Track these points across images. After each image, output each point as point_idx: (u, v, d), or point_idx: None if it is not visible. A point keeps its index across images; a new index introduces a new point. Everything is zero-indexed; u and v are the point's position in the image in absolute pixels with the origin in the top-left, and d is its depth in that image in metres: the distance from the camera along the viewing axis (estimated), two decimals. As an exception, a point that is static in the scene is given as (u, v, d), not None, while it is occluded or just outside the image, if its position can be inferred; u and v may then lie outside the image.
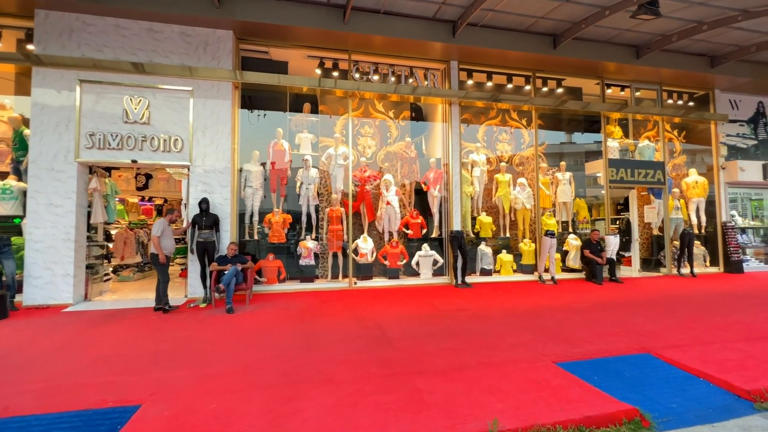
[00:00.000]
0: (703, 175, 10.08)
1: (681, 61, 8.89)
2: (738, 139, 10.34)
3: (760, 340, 4.39)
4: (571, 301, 6.47)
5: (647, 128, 10.11)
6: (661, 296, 6.87)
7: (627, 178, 9.19)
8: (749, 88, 10.14)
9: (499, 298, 6.65)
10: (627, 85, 9.55)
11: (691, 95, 10.27)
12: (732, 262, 9.61)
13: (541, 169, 9.08)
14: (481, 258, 8.38)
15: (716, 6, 6.52)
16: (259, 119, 8.23)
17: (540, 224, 8.75)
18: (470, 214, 8.58)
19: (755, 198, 11.05)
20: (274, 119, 8.24)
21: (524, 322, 5.12)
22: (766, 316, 5.45)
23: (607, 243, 8.52)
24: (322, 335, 4.61)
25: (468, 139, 8.94)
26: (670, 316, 5.42)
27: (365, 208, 8.11)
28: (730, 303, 6.34)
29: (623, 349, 4.10)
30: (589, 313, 5.56)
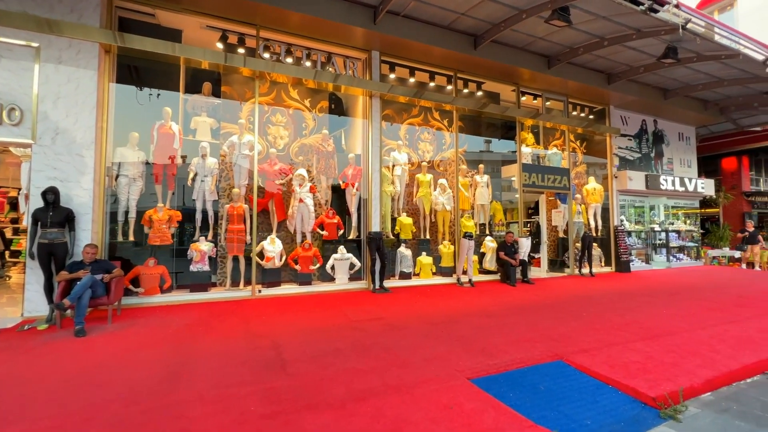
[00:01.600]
0: (600, 183, 11.03)
1: (584, 75, 9.55)
2: (627, 151, 11.55)
3: (654, 339, 4.54)
4: (487, 304, 6.34)
5: (555, 137, 10.76)
6: (567, 296, 7.11)
7: (538, 183, 9.60)
8: (636, 107, 11.38)
9: (417, 304, 6.26)
10: (539, 94, 10.02)
11: (591, 109, 11.19)
12: (622, 262, 10.63)
13: (461, 171, 9.04)
14: (401, 261, 7.99)
15: (616, 22, 6.98)
16: (149, 98, 6.85)
17: (459, 226, 8.67)
18: (390, 215, 8.15)
19: (638, 205, 12.49)
20: (164, 98, 6.92)
21: (440, 330, 4.73)
22: (654, 313, 5.83)
23: (520, 245, 8.74)
24: (198, 361, 3.67)
25: (390, 137, 8.53)
26: (577, 318, 5.49)
27: (274, 205, 7.19)
28: (625, 301, 6.76)
29: (537, 357, 3.88)
30: (504, 318, 5.41)
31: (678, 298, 7.19)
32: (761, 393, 3.40)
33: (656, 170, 12.17)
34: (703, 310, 6.22)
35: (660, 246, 12.46)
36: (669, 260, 12.24)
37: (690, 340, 4.57)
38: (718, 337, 4.70)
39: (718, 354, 4.11)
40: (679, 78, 10.02)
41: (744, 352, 4.20)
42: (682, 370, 3.62)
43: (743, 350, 4.26)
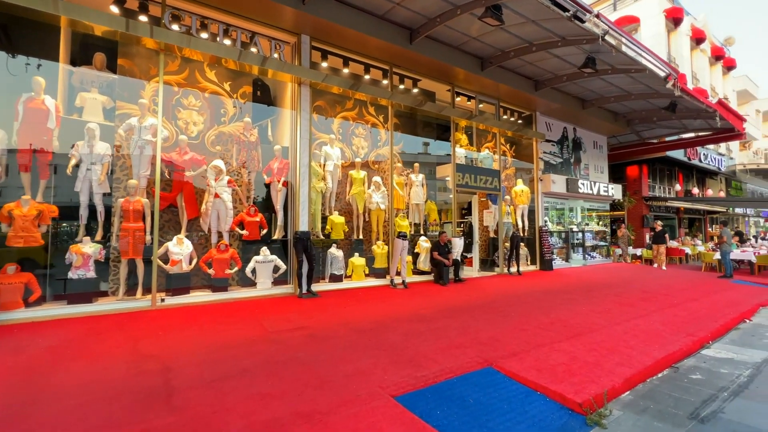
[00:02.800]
0: (527, 185, 11.54)
1: (514, 80, 9.87)
2: (550, 156, 12.26)
3: (577, 337, 4.60)
4: (420, 306, 6.09)
5: (487, 139, 11.02)
6: (496, 296, 7.16)
7: (471, 183, 9.70)
8: (558, 114, 12.12)
9: (346, 309, 5.80)
10: (473, 96, 10.15)
11: (520, 114, 11.68)
12: (545, 261, 11.21)
13: (396, 169, 8.78)
14: (331, 262, 7.48)
15: (544, 27, 7.21)
16: (25, 68, 5.55)
17: (393, 226, 8.39)
18: (321, 213, 7.60)
19: (559, 207, 13.37)
20: (46, 70, 5.66)
21: (368, 339, 4.33)
22: (575, 311, 6.04)
23: (453, 245, 8.72)
24: (53, 398, 2.83)
25: (322, 130, 7.97)
26: (506, 318, 5.45)
27: (184, 201, 6.25)
28: (549, 299, 6.97)
29: (467, 365, 3.64)
30: (435, 321, 5.17)
31: (594, 294, 7.62)
32: (671, 388, 3.49)
33: (575, 175, 13.12)
34: (615, 305, 6.62)
35: (577, 245, 13.47)
36: (585, 258, 13.27)
37: (608, 336, 4.70)
38: (630, 333, 4.91)
39: (633, 350, 4.24)
40: (595, 90, 10.82)
41: (653, 346, 4.39)
42: (604, 369, 3.62)
43: (652, 344, 4.46)
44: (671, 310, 6.31)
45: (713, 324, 5.50)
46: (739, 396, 3.32)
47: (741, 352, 4.60)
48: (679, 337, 4.80)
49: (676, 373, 3.88)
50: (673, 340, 4.66)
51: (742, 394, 3.36)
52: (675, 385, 3.58)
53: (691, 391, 3.43)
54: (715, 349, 4.68)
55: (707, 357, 4.40)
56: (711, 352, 4.59)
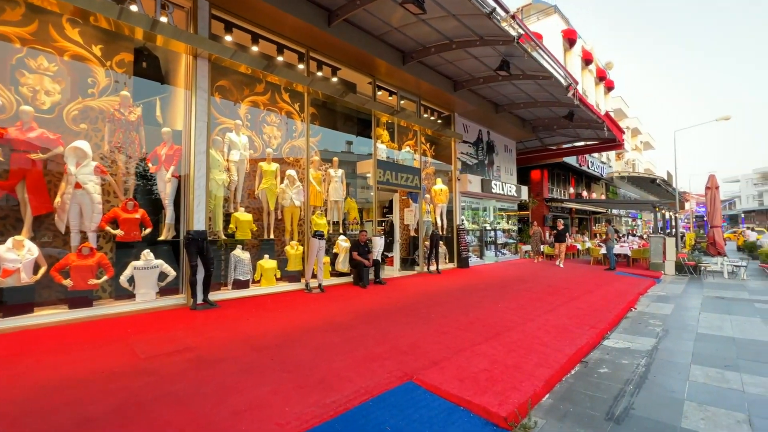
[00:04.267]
0: (446, 184, 11.71)
1: (435, 78, 9.87)
2: (467, 157, 12.66)
3: (496, 337, 4.48)
4: (336, 312, 5.53)
5: (408, 137, 10.90)
6: (417, 296, 6.94)
7: (392, 181, 9.44)
8: (475, 117, 12.58)
9: (250, 321, 4.98)
10: (394, 91, 9.91)
11: (440, 114, 11.82)
12: (462, 259, 11.50)
13: (313, 163, 8.09)
14: (236, 266, 6.52)
15: (464, 24, 7.20)
16: None
17: (310, 224, 7.70)
18: (223, 210, 6.58)
19: (474, 207, 13.93)
20: None
21: (270, 359, 3.63)
22: (493, 308, 6.06)
23: (373, 244, 8.33)
24: None
25: (227, 114, 6.94)
26: (426, 321, 5.19)
27: (27, 191, 4.79)
28: (467, 297, 6.95)
29: (386, 381, 3.19)
30: (352, 329, 4.66)
31: (508, 290, 7.87)
32: (585, 386, 3.47)
33: (489, 176, 13.79)
34: (527, 300, 6.85)
35: (490, 243, 14.19)
36: (497, 255, 14.03)
37: (524, 334, 4.68)
38: (543, 329, 4.99)
39: (548, 347, 4.24)
40: (507, 95, 11.41)
41: (565, 342, 4.47)
42: (524, 372, 3.47)
43: (563, 340, 4.55)
44: (574, 303, 6.71)
45: (609, 315, 5.93)
46: (642, 389, 3.40)
47: (634, 340, 4.95)
48: (584, 330, 5.00)
49: (586, 368, 3.93)
50: (580, 334, 4.82)
51: (645, 386, 3.46)
52: (587, 381, 3.58)
53: (602, 387, 3.45)
54: (614, 340, 4.96)
55: (609, 348, 4.61)
56: (611, 342, 4.84)
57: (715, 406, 3.04)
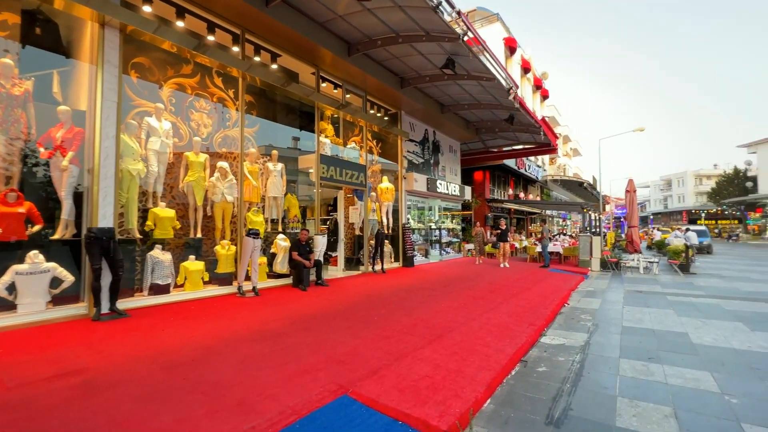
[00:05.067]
0: (392, 182, 11.56)
1: (382, 74, 9.64)
2: (414, 155, 12.64)
3: (439, 339, 4.33)
4: (269, 319, 5.05)
5: (354, 133, 10.57)
6: (359, 298, 6.64)
7: (336, 177, 9.05)
8: (421, 116, 12.58)
9: (163, 333, 4.34)
10: (340, 84, 9.52)
11: (387, 111, 11.64)
12: (407, 258, 11.43)
13: (249, 156, 7.45)
14: (153, 269, 5.73)
15: (411, 17, 7.04)
16: None
17: (245, 221, 7.07)
18: (137, 204, 5.75)
19: (420, 206, 13.99)
20: None
21: (182, 378, 3.10)
22: (436, 308, 5.95)
23: (315, 244, 7.89)
24: None
25: (146, 96, 6.10)
26: (368, 324, 4.90)
27: None
28: (411, 297, 6.80)
29: (317, 397, 2.84)
30: (286, 337, 4.23)
31: (451, 289, 7.87)
32: (525, 387, 3.41)
33: (434, 175, 13.91)
34: (470, 299, 6.86)
35: (435, 242, 14.35)
36: (441, 254, 14.22)
37: (467, 335, 4.59)
38: (485, 328, 4.95)
39: (490, 348, 4.16)
40: (452, 95, 11.54)
41: (505, 341, 4.44)
42: (466, 377, 3.32)
43: (504, 339, 4.52)
44: (513, 300, 6.85)
45: (546, 311, 6.09)
46: (578, 387, 3.41)
47: (568, 336, 5.08)
48: (524, 328, 5.04)
49: (526, 368, 3.90)
50: (520, 332, 4.84)
51: (580, 383, 3.48)
52: (527, 382, 3.52)
53: (542, 387, 3.40)
54: (550, 336, 5.06)
55: (546, 345, 4.67)
56: (547, 339, 4.92)
57: (645, 401, 3.10)
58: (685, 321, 5.78)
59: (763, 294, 8.00)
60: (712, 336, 4.96)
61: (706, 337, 4.92)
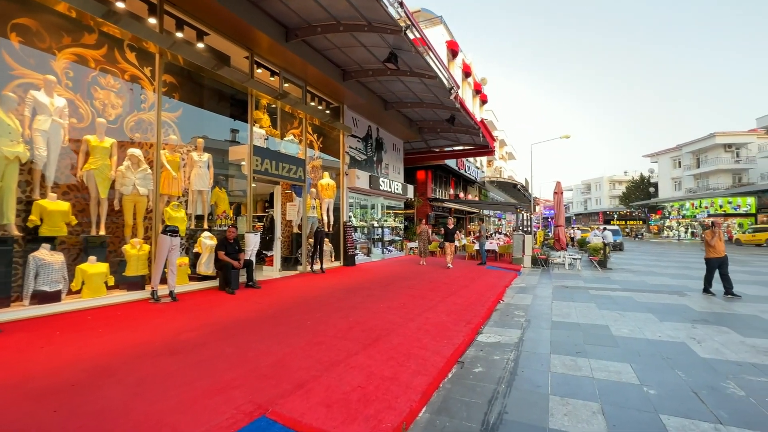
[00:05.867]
0: (333, 179, 11.16)
1: (323, 64, 9.20)
2: (356, 152, 12.34)
3: (375, 344, 4.08)
4: (185, 328, 4.44)
5: (293, 125, 10.00)
6: (294, 300, 6.19)
7: (272, 171, 8.44)
8: (364, 112, 12.32)
9: (40, 353, 3.57)
10: (277, 72, 8.90)
11: (328, 104, 11.20)
12: (349, 257, 11.12)
13: (169, 144, 6.61)
14: (38, 273, 4.77)
15: (352, 4, 6.70)
16: None
17: (162, 217, 6.25)
18: (16, 194, 4.76)
19: (363, 204, 13.75)
20: None
21: (50, 413, 2.49)
22: (374, 309, 5.71)
23: (246, 242, 7.26)
24: None
25: (32, 66, 5.08)
26: (299, 329, 4.52)
27: None
28: (349, 298, 6.50)
29: (230, 422, 2.43)
30: (201, 350, 3.70)
31: (391, 288, 7.71)
32: (461, 391, 3.28)
33: (377, 173, 13.74)
34: (409, 298, 6.74)
35: (377, 240, 14.20)
36: (383, 252, 14.11)
37: (404, 337, 4.40)
38: (423, 328, 4.81)
39: (427, 350, 4.01)
40: (396, 92, 11.43)
41: (443, 342, 4.32)
42: (402, 385, 3.10)
43: (442, 339, 4.41)
44: (452, 298, 6.86)
45: (482, 309, 6.16)
46: (513, 387, 3.36)
47: (503, 333, 5.14)
48: (461, 327, 4.99)
49: (462, 369, 3.80)
50: (457, 331, 4.78)
51: (515, 383, 3.44)
52: (463, 385, 3.40)
53: (477, 390, 3.30)
54: (486, 334, 5.07)
55: (482, 344, 4.65)
56: (483, 337, 4.92)
57: (574, 398, 3.12)
58: (605, 314, 6.17)
59: (667, 287, 8.94)
60: (629, 327, 5.32)
61: (624, 329, 5.25)
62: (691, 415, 2.82)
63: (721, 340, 4.74)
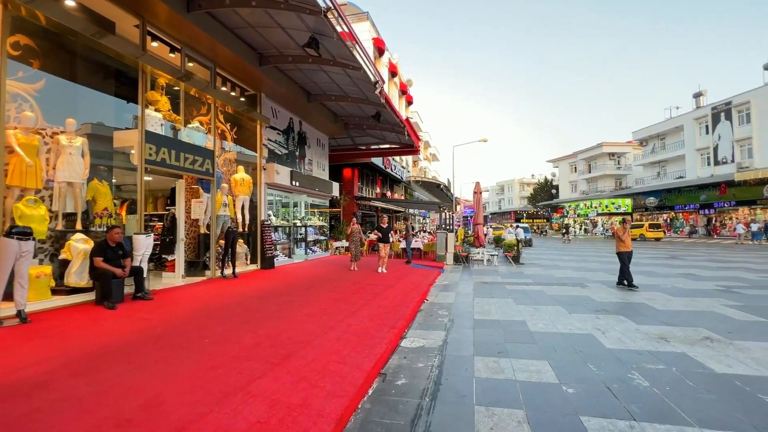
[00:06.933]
0: (249, 174, 10.14)
1: (236, 45, 8.22)
2: (276, 145, 11.42)
3: (285, 362, 3.52)
4: (25, 363, 3.38)
5: (201, 111, 8.81)
6: (193, 314, 5.29)
7: (171, 162, 7.26)
8: (285, 102, 11.46)
9: None
10: (178, 48, 7.71)
11: (244, 91, 10.14)
12: (267, 258, 10.21)
13: (24, 121, 5.21)
14: None
15: (265, -24, 5.98)
16: None
17: (11, 215, 4.87)
18: None
19: (285, 201, 12.84)
20: None
21: None
22: (292, 318, 5.12)
23: (135, 245, 6.09)
24: None
25: None
26: (193, 351, 3.75)
27: None
28: (263, 307, 5.79)
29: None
30: (38, 395, 2.78)
31: (313, 292, 7.14)
32: (382, 411, 2.90)
33: (300, 169, 12.94)
34: (331, 302, 6.25)
35: (300, 240, 13.40)
36: (307, 253, 13.36)
37: (321, 349, 3.91)
38: (344, 338, 4.37)
39: (346, 364, 3.57)
40: (319, 83, 10.80)
41: (364, 353, 3.93)
42: (312, 413, 2.62)
43: (363, 350, 4.01)
44: (376, 300, 6.53)
45: (407, 310, 5.92)
46: (438, 400, 3.09)
47: (427, 335, 4.93)
48: (385, 332, 4.66)
49: (384, 383, 3.44)
50: (380, 338, 4.43)
51: (440, 395, 3.18)
52: (385, 403, 3.04)
53: (400, 408, 2.95)
54: (410, 338, 4.81)
55: (406, 350, 4.36)
56: (408, 342, 4.65)
57: (500, 406, 2.94)
58: (522, 309, 6.37)
59: (571, 279, 9.74)
60: (543, 322, 5.49)
61: (539, 323, 5.41)
62: (608, 413, 2.80)
63: (621, 329, 5.09)
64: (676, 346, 4.37)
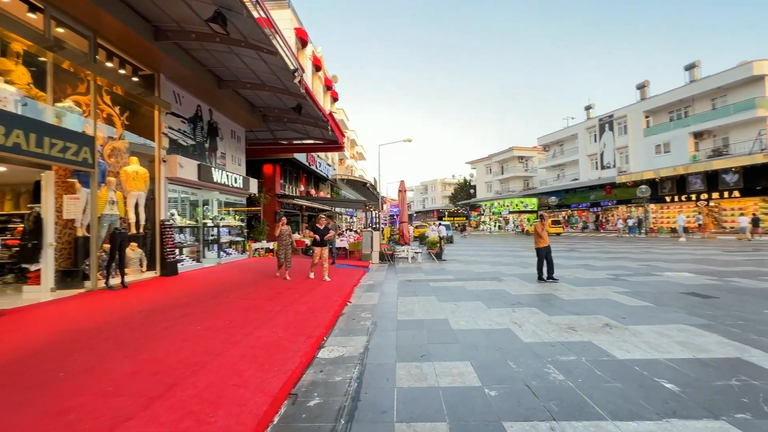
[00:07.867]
0: (145, 166, 8.72)
1: (123, 12, 6.92)
2: (180, 134, 10.05)
3: (166, 395, 2.84)
4: None
5: (76, 89, 7.27)
6: (53, 338, 4.20)
7: (29, 148, 5.80)
8: (192, 87, 10.15)
9: None
10: (40, 7, 6.22)
11: (137, 70, 8.68)
12: (168, 264, 8.90)
13: None
14: None
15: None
16: None
17: None
18: None
19: (193, 199, 11.42)
20: None
21: None
22: (187, 335, 4.34)
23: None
24: None
25: None
26: (41, 389, 2.87)
27: None
28: (152, 324, 4.86)
29: None
30: None
31: (221, 300, 6.31)
32: (290, 442, 2.45)
33: (210, 162, 11.64)
34: (241, 312, 5.53)
35: (212, 242, 12.07)
36: (220, 256, 12.08)
37: (220, 371, 3.29)
38: (250, 354, 3.78)
39: (247, 387, 3.02)
40: (231, 68, 9.75)
41: (273, 370, 3.40)
42: (193, 463, 2.05)
43: (272, 367, 3.47)
44: (293, 306, 5.97)
45: (327, 315, 5.48)
46: (355, 420, 2.72)
47: (348, 342, 4.56)
48: (299, 344, 4.17)
49: (294, 405, 2.98)
50: (294, 350, 3.93)
51: (357, 414, 2.81)
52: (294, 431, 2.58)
53: (310, 436, 2.52)
54: (329, 347, 4.39)
55: (323, 361, 3.93)
56: (326, 352, 4.23)
57: (421, 420, 2.68)
58: (444, 306, 6.34)
59: (488, 273, 10.18)
60: (465, 319, 5.48)
61: (461, 321, 5.38)
62: (529, 416, 2.71)
63: (535, 321, 5.28)
64: (582, 334, 4.61)
